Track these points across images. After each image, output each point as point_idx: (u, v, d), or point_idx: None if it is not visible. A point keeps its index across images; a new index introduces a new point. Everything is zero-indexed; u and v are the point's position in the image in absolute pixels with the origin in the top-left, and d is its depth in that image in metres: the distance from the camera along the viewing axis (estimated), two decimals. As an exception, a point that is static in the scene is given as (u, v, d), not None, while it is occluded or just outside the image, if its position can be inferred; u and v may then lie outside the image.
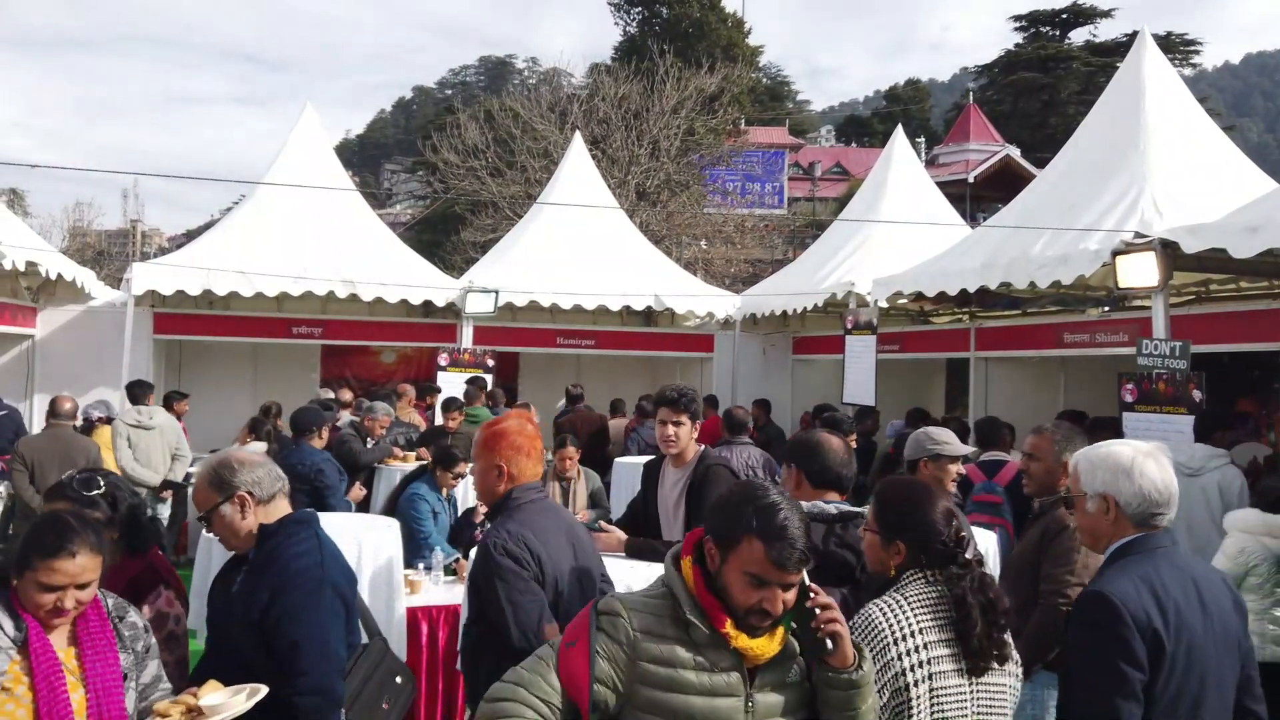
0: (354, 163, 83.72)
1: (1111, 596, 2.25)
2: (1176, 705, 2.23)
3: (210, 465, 2.83)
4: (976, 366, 9.62)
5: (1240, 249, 5.72)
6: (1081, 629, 2.32)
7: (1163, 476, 2.42)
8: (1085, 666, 2.27)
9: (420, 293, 10.59)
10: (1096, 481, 2.47)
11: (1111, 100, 8.08)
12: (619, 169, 23.87)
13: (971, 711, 2.24)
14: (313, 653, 2.58)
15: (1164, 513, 2.41)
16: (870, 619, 2.25)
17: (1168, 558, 2.38)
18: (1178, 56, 40.55)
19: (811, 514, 2.66)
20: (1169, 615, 2.25)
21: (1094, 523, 2.49)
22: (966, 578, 2.28)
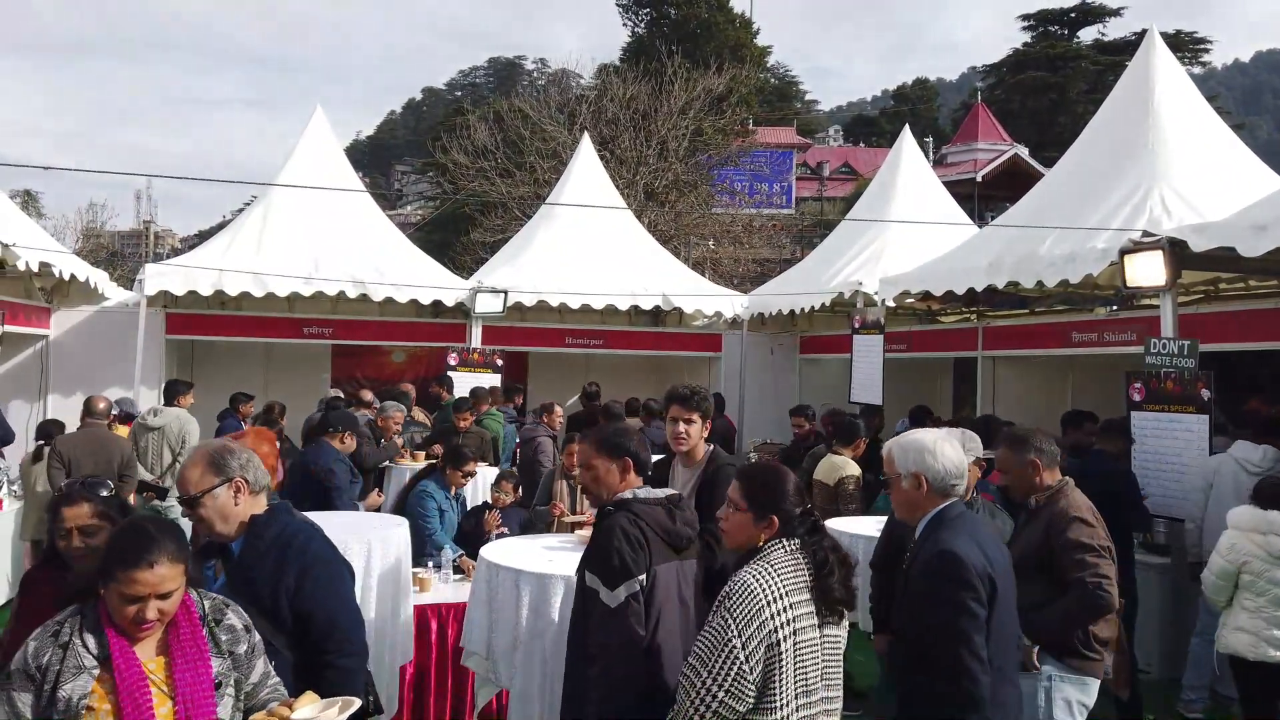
0: (364, 164, 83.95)
1: (958, 553, 2.74)
2: (999, 629, 2.78)
3: (208, 448, 2.89)
4: (984, 366, 9.61)
5: (1248, 248, 5.72)
6: (936, 581, 2.75)
7: (956, 455, 2.98)
8: (943, 612, 2.70)
9: (430, 293, 10.64)
10: (909, 463, 2.98)
11: (1120, 99, 8.07)
12: (627, 169, 23.90)
13: (821, 659, 2.64)
14: (349, 618, 2.81)
15: (959, 484, 2.96)
16: (747, 585, 2.55)
17: (973, 519, 2.98)
18: (1187, 55, 40.40)
19: (651, 500, 3.09)
20: (993, 563, 2.80)
21: (909, 497, 3.00)
22: (823, 541, 2.68)
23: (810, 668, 2.60)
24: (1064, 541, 3.70)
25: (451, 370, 10.42)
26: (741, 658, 2.47)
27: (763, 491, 2.74)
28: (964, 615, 2.68)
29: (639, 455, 3.24)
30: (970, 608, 2.69)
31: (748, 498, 2.76)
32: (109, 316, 10.68)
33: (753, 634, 2.50)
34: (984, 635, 2.70)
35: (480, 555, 4.28)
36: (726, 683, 2.47)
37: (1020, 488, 3.91)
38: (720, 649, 2.49)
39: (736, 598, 2.53)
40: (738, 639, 2.48)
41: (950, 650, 2.67)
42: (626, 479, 3.22)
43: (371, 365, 12.51)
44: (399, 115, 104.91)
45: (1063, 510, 3.77)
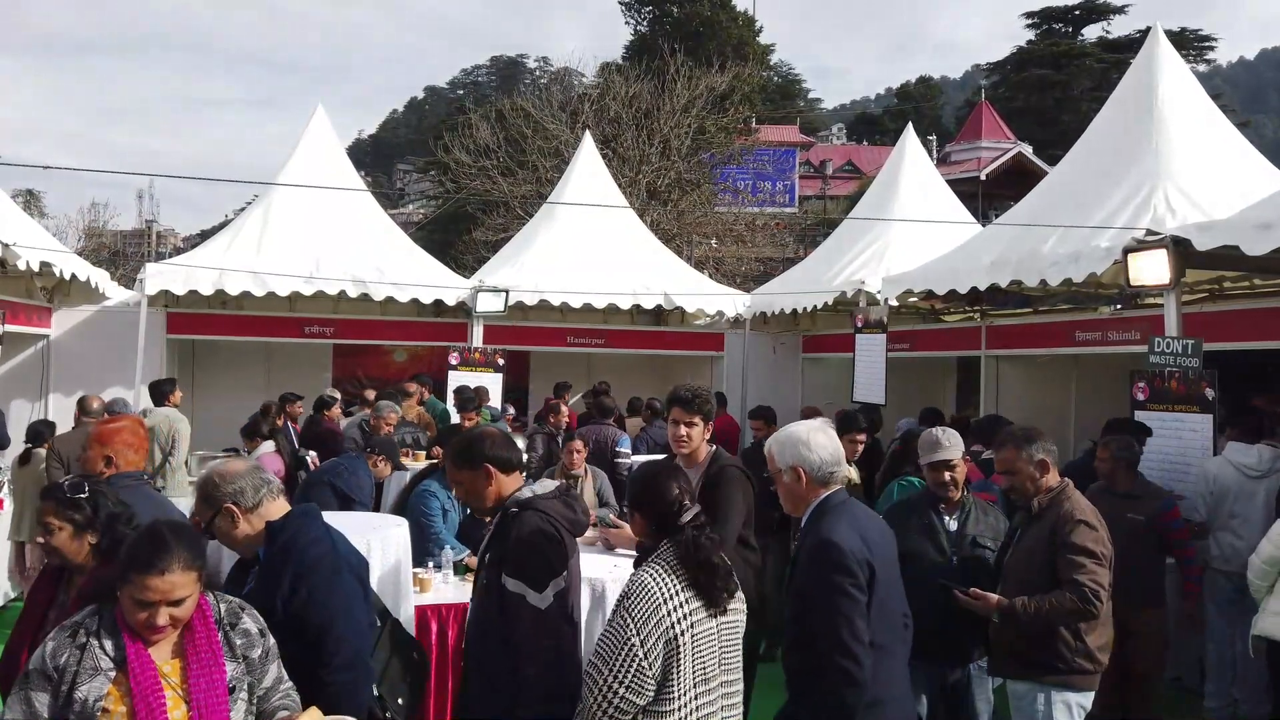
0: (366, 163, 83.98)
1: (837, 541, 2.86)
2: (881, 610, 2.90)
3: (199, 482, 2.93)
4: (987, 365, 9.57)
5: (1253, 246, 5.67)
6: (817, 568, 2.87)
7: (831, 444, 3.06)
8: (827, 595, 2.84)
9: (431, 292, 10.63)
10: (787, 457, 3.08)
11: (1123, 97, 8.02)
12: (630, 168, 23.88)
13: (718, 646, 2.80)
14: (341, 630, 2.71)
15: (836, 471, 3.06)
16: (644, 584, 2.71)
17: (856, 505, 3.08)
18: (1191, 52, 40.32)
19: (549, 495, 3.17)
20: (873, 549, 2.92)
21: (792, 490, 3.09)
22: (700, 535, 2.79)
23: (708, 657, 2.76)
24: (1067, 544, 3.72)
25: (453, 369, 10.41)
26: (640, 654, 2.63)
27: (643, 494, 2.90)
28: (844, 599, 2.82)
29: (499, 456, 3.15)
30: (850, 592, 2.82)
31: (632, 501, 2.99)
32: (110, 316, 10.67)
33: (650, 631, 2.65)
34: (864, 618, 2.83)
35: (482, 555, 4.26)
36: (627, 679, 2.63)
37: (1024, 488, 3.90)
38: (620, 647, 2.64)
39: (634, 598, 2.70)
40: (636, 637, 2.64)
41: (831, 632, 2.80)
42: (500, 481, 3.14)
43: (373, 365, 12.50)
44: (401, 114, 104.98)
45: (1068, 513, 3.79)
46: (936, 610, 3.90)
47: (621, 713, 2.64)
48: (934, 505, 4.05)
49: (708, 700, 2.77)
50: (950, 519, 4.01)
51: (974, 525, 4.00)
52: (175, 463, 7.79)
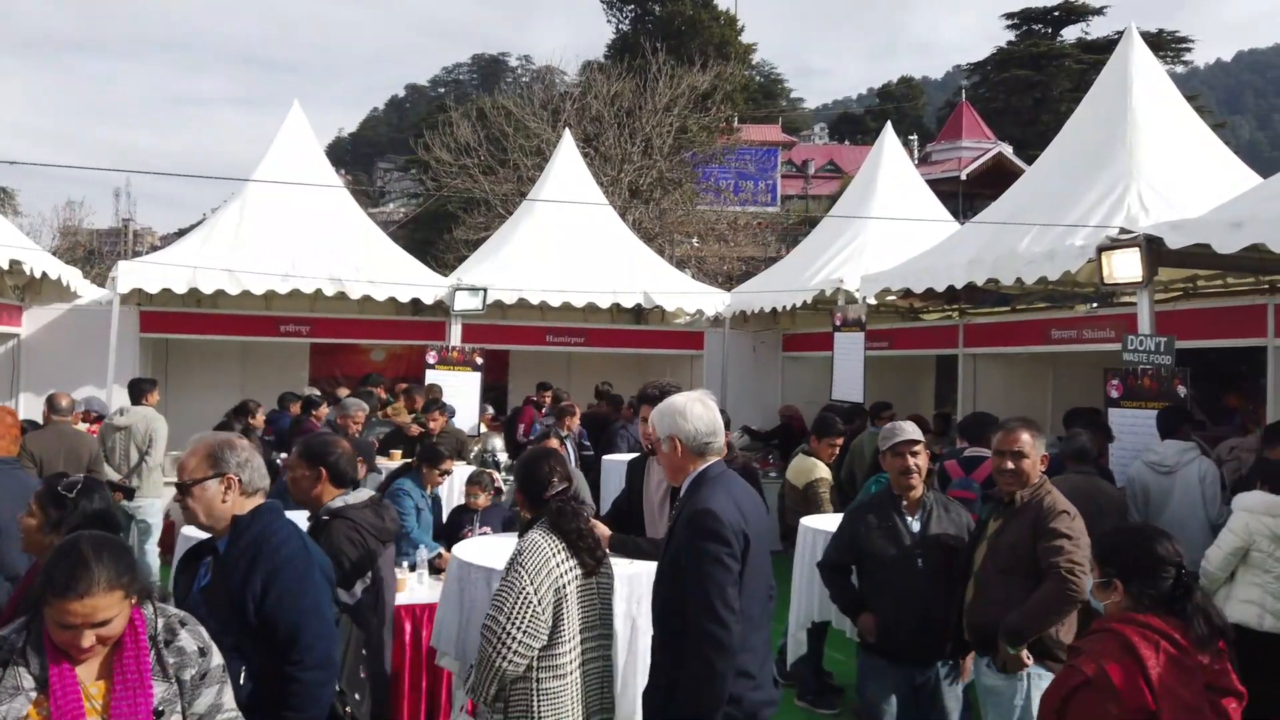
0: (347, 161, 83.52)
1: (715, 511, 2.92)
2: (751, 581, 2.98)
3: (211, 440, 2.88)
4: (965, 363, 9.62)
5: (1224, 244, 5.72)
6: (696, 536, 2.92)
7: (707, 414, 3.12)
8: (701, 563, 2.90)
9: (408, 291, 10.56)
10: (665, 427, 3.15)
11: (1098, 97, 8.07)
12: (612, 167, 23.84)
13: (597, 601, 3.20)
14: (314, 630, 2.70)
15: (713, 442, 3.11)
16: (535, 542, 3.09)
17: (732, 477, 3.14)
18: (1169, 54, 40.63)
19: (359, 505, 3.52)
20: (748, 518, 2.99)
21: (670, 460, 3.17)
22: (565, 506, 3.17)
23: (588, 610, 3.15)
24: (1046, 531, 3.74)
25: (430, 369, 10.34)
26: (534, 601, 2.97)
27: (520, 475, 3.31)
28: (718, 567, 2.86)
29: (338, 467, 3.55)
30: (725, 560, 2.87)
31: (515, 481, 3.39)
32: (82, 315, 10.55)
33: (543, 580, 3.00)
34: (737, 587, 2.89)
35: (452, 554, 4.25)
36: (524, 624, 2.96)
37: (1025, 474, 3.85)
38: (517, 598, 2.97)
39: (528, 553, 3.06)
40: (530, 586, 2.98)
41: (703, 599, 2.85)
42: (325, 488, 3.53)
43: (350, 363, 12.41)
44: (382, 112, 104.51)
45: (1050, 505, 3.81)
46: (903, 612, 3.90)
47: (520, 656, 2.96)
48: (896, 505, 4.03)
49: (590, 646, 3.16)
50: (913, 519, 3.98)
51: (937, 524, 3.98)
52: (152, 463, 7.69)
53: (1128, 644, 2.50)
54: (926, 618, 3.88)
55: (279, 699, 2.64)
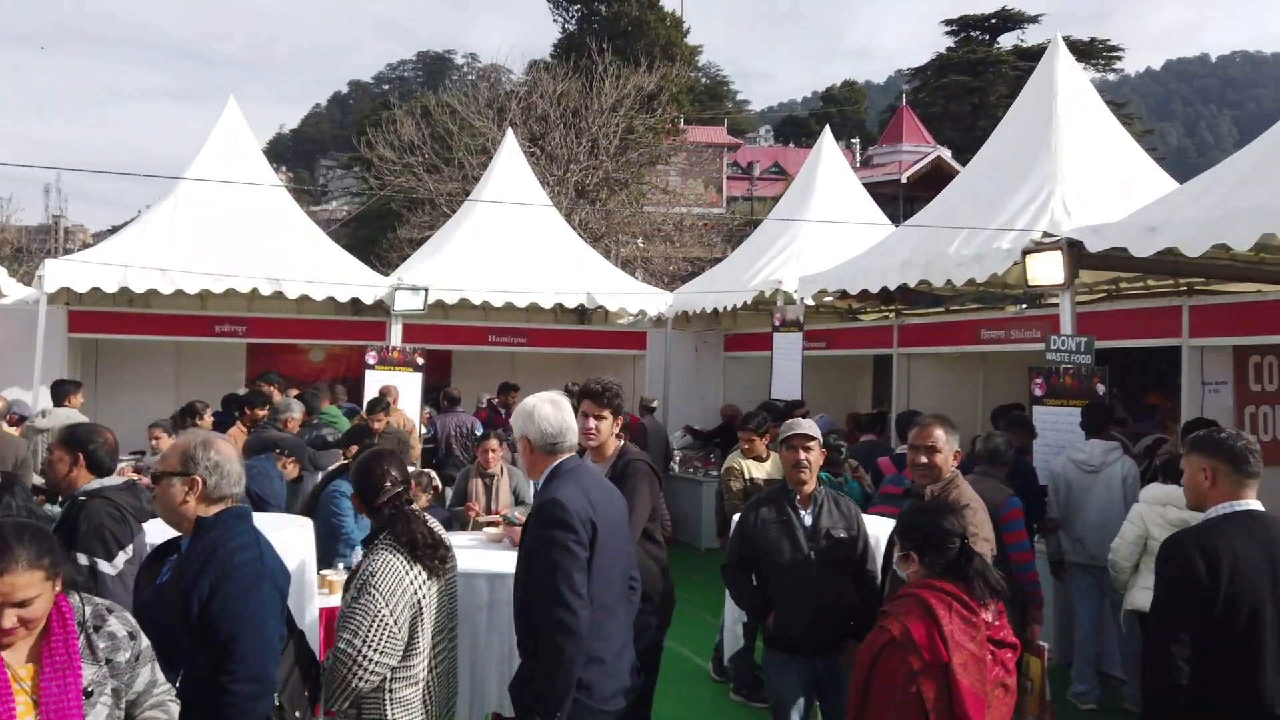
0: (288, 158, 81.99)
1: (562, 500, 3.03)
2: (603, 570, 3.07)
3: (192, 438, 2.90)
4: (900, 362, 9.83)
5: (1139, 248, 5.96)
6: (544, 525, 3.02)
7: (556, 415, 3.23)
8: (549, 551, 2.97)
9: (347, 290, 10.45)
10: (519, 427, 3.28)
11: (1025, 105, 8.33)
12: (558, 167, 23.82)
13: (445, 601, 3.26)
14: (250, 642, 2.66)
15: (561, 440, 3.23)
16: (388, 562, 3.10)
17: (586, 470, 3.28)
18: (1100, 61, 41.84)
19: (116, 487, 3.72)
20: (597, 508, 3.10)
21: (525, 459, 3.29)
22: (402, 514, 3.18)
23: (440, 613, 3.22)
24: None
25: (370, 369, 10.25)
26: (390, 622, 3.02)
27: (359, 486, 3.33)
28: (565, 554, 2.96)
29: (96, 454, 3.75)
30: (570, 548, 2.96)
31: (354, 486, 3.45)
32: (7, 314, 10.23)
33: (398, 601, 3.05)
34: (584, 573, 2.98)
35: (384, 555, 4.23)
36: (380, 645, 3.00)
37: (939, 468, 4.05)
38: (373, 620, 3.00)
39: (380, 575, 3.07)
40: (386, 608, 3.01)
41: (550, 586, 2.94)
42: (79, 473, 3.72)
43: (288, 364, 12.22)
44: (325, 108, 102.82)
45: (957, 499, 3.96)
46: (801, 605, 3.99)
47: (375, 675, 3.01)
48: (790, 500, 4.13)
49: (441, 648, 3.23)
50: (805, 513, 4.09)
51: (827, 518, 4.08)
52: None
53: (926, 606, 2.90)
54: (823, 610, 3.97)
55: (215, 709, 2.62)
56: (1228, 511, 3.09)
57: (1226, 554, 2.96)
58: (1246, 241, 5.49)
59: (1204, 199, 5.89)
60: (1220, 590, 2.94)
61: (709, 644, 6.69)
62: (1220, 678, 2.94)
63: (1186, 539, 3.09)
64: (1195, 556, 2.98)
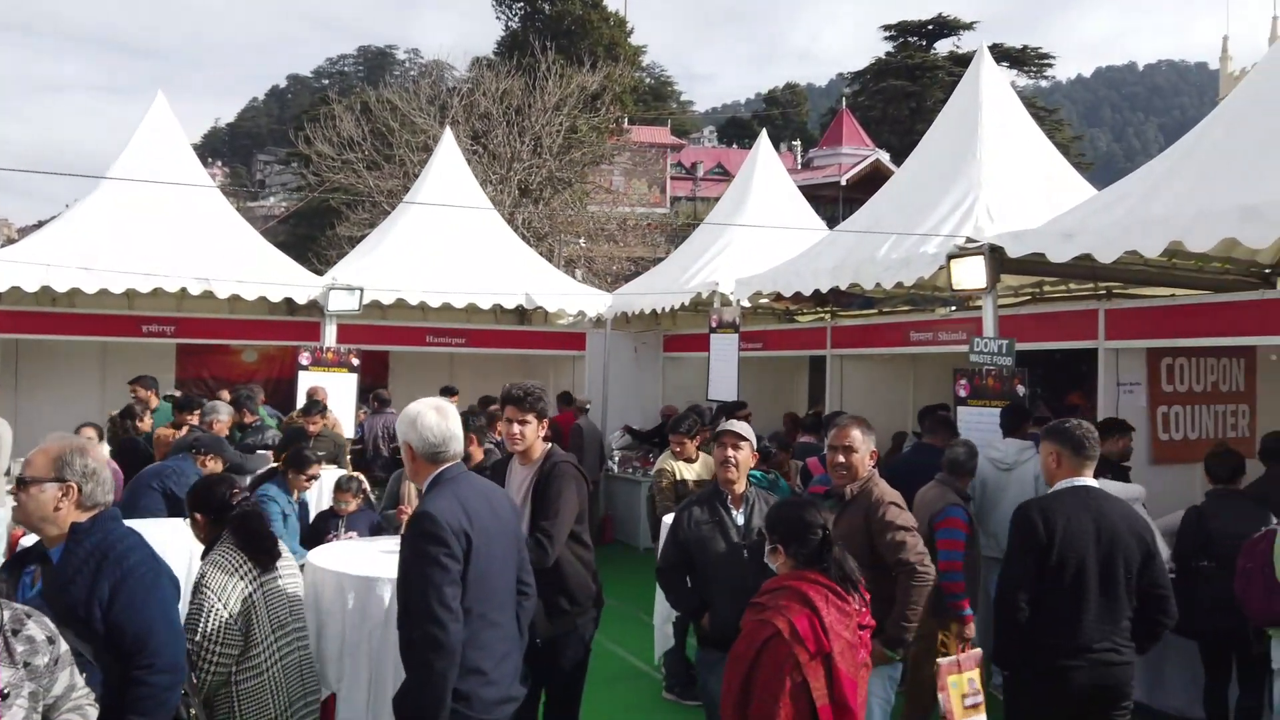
0: (224, 153, 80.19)
1: (434, 512, 3.00)
2: (481, 581, 3.08)
3: (65, 443, 2.85)
4: (833, 363, 10.01)
5: (1057, 254, 6.17)
6: (415, 538, 3.00)
7: (440, 423, 3.18)
8: (420, 564, 2.96)
9: (280, 290, 10.27)
10: (402, 434, 3.24)
11: (952, 113, 8.55)
12: (501, 165, 23.69)
13: (285, 598, 3.55)
14: (163, 635, 2.73)
15: (445, 449, 3.19)
16: (215, 561, 3.48)
17: (466, 480, 3.23)
18: (1033, 68, 43.02)
19: None
20: (473, 519, 3.06)
21: (409, 466, 3.25)
22: (239, 513, 3.59)
23: (277, 607, 3.46)
24: (883, 523, 4.00)
25: (304, 370, 10.10)
26: (224, 614, 3.33)
27: (203, 508, 3.67)
28: (434, 567, 2.93)
29: None
30: (441, 560, 2.94)
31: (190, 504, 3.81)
32: (-79, 314, 9.86)
33: (230, 594, 3.36)
34: (456, 586, 2.97)
35: (307, 559, 4.21)
36: (219, 637, 3.31)
37: (855, 467, 4.16)
38: (208, 615, 3.32)
39: (210, 575, 3.43)
40: (219, 603, 3.33)
41: (421, 600, 2.93)
42: None
43: (220, 365, 12.00)
44: (262, 103, 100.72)
45: (879, 497, 4.09)
46: (734, 603, 4.07)
47: (221, 667, 3.32)
48: (722, 500, 4.19)
49: (285, 641, 3.48)
50: (737, 513, 4.16)
51: (759, 517, 4.18)
52: None
53: (805, 597, 3.03)
54: None
55: (126, 704, 2.66)
56: (1067, 486, 3.83)
57: (1060, 519, 3.69)
58: (1155, 249, 5.73)
59: (1117, 207, 6.12)
60: (1054, 548, 3.66)
61: (645, 643, 6.75)
62: (1052, 619, 3.64)
63: (1032, 506, 3.83)
64: (1037, 520, 3.71)
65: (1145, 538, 3.77)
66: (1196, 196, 5.46)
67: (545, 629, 4.26)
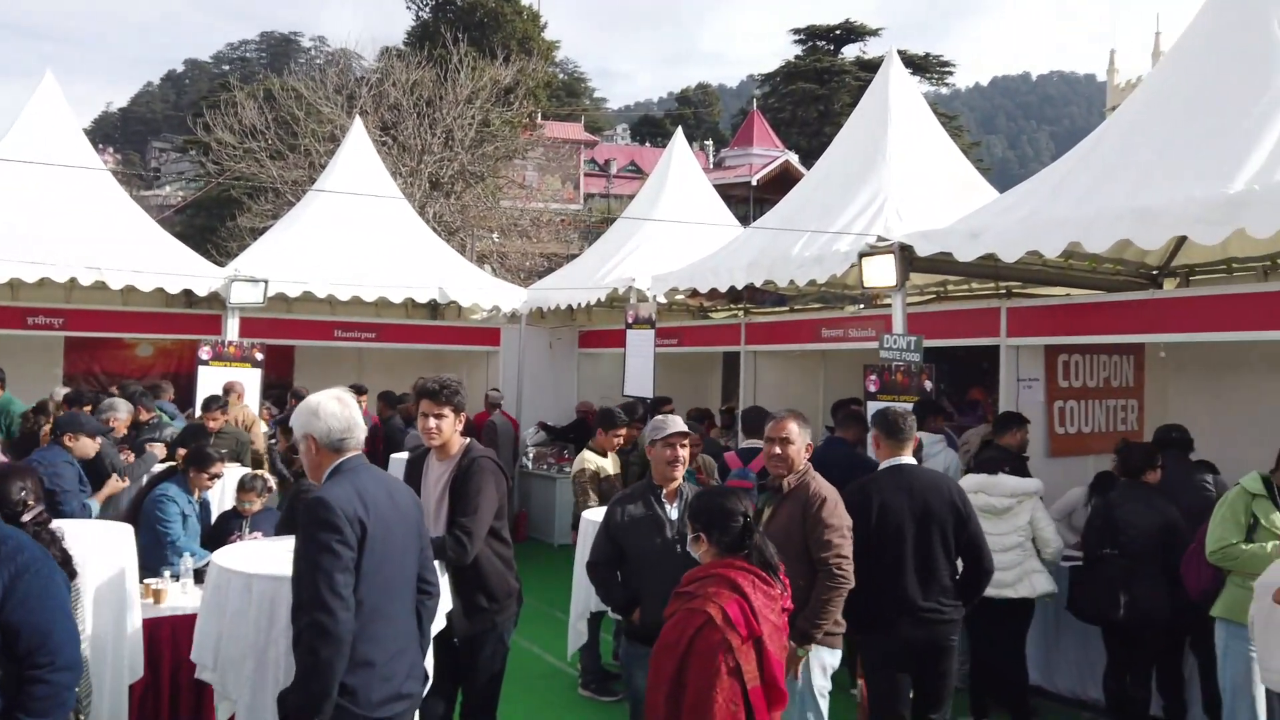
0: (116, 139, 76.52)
1: (328, 499, 2.93)
2: (376, 572, 2.99)
3: None
4: (746, 359, 10.13)
5: (963, 253, 6.37)
6: (307, 525, 2.93)
7: (341, 411, 3.13)
8: (311, 551, 2.89)
9: (178, 280, 9.81)
10: (300, 427, 3.17)
11: (863, 114, 8.73)
12: (411, 157, 23.24)
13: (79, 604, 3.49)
14: (62, 633, 2.74)
15: (348, 438, 3.13)
16: None
17: (367, 471, 3.15)
18: (934, 75, 44.44)
19: None
20: (371, 509, 3.00)
21: (308, 459, 3.18)
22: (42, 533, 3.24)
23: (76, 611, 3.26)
24: (815, 520, 4.05)
25: (204, 365, 9.69)
26: None
27: None
28: (326, 554, 2.86)
29: None
30: (333, 548, 2.87)
31: None
32: None
33: None
34: (348, 575, 2.90)
35: (211, 560, 4.03)
36: None
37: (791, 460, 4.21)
38: None
39: None
40: None
41: (311, 587, 2.85)
42: None
43: (112, 359, 11.43)
44: (157, 87, 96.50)
45: (815, 492, 4.13)
46: (668, 597, 4.09)
47: None
48: (656, 495, 4.18)
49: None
50: (671, 508, 4.16)
51: None
52: None
53: (734, 584, 3.10)
54: None
55: (21, 704, 2.62)
56: (888, 465, 4.45)
57: (879, 495, 4.31)
58: (1056, 248, 5.97)
59: (1020, 208, 6.35)
60: (874, 519, 4.26)
61: (560, 640, 6.71)
62: (880, 583, 4.17)
63: (858, 485, 4.39)
64: (859, 496, 4.28)
65: (957, 504, 4.37)
66: (1094, 199, 5.70)
67: (463, 627, 4.19)
